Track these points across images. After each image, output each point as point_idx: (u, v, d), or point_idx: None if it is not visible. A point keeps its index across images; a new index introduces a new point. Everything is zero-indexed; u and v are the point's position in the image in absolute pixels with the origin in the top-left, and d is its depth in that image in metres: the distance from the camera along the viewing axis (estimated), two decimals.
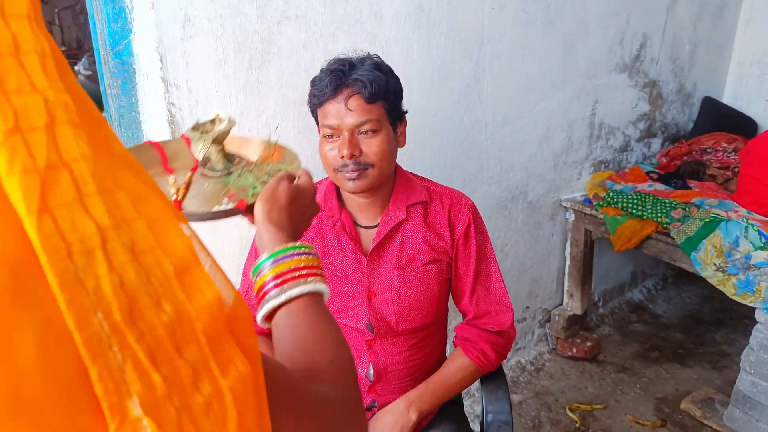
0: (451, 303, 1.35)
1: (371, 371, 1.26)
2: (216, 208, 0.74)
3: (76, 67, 5.63)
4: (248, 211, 0.73)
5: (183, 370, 0.31)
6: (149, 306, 0.30)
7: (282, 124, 1.51)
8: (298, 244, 0.64)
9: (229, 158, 0.85)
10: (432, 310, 1.27)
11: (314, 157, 1.57)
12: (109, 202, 0.30)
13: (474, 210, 1.29)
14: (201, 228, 1.43)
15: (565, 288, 2.65)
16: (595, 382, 2.43)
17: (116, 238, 0.30)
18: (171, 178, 0.82)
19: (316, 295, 0.61)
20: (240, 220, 1.52)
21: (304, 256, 0.63)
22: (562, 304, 2.69)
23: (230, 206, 0.74)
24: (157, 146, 0.86)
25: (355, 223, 1.25)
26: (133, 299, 0.30)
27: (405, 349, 1.27)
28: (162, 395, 0.30)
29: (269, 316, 0.61)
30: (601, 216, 2.35)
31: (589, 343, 2.59)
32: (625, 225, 2.27)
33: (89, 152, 0.30)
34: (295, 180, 0.74)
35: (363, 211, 1.25)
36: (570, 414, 2.23)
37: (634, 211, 2.27)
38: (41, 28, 0.31)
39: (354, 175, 1.13)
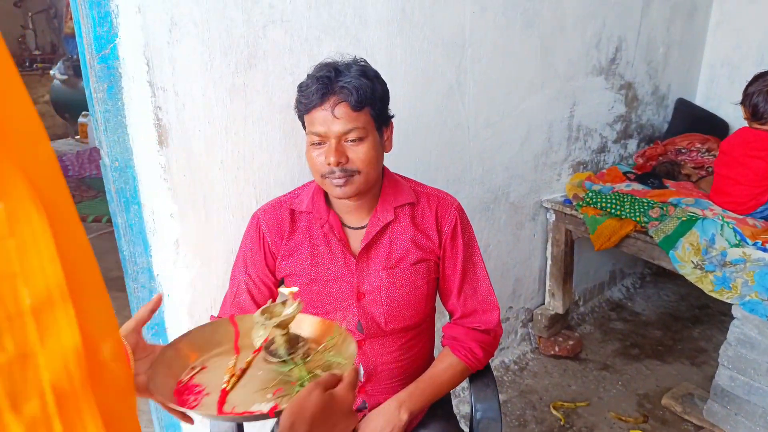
0: (438, 303, 1.37)
1: (361, 372, 1.27)
2: (254, 408, 0.74)
3: (52, 72, 5.54)
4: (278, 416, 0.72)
5: (13, 427, 0.25)
6: None
7: (268, 127, 1.51)
8: None
9: (291, 341, 0.85)
10: (421, 309, 1.29)
11: (300, 160, 1.58)
12: None
13: (460, 210, 1.31)
14: (191, 229, 1.42)
15: (547, 287, 2.69)
16: (577, 380, 2.47)
17: None
18: (231, 362, 0.84)
19: None
20: (228, 225, 1.51)
21: None
22: (544, 303, 2.73)
23: (266, 409, 0.74)
24: (233, 322, 0.90)
25: (344, 225, 1.26)
26: None
27: (394, 349, 1.28)
28: None
29: None
30: (581, 216, 2.40)
31: (571, 342, 2.63)
32: (604, 224, 2.32)
33: None
34: (337, 384, 0.72)
35: (351, 213, 1.26)
36: (554, 412, 2.26)
37: (612, 210, 2.32)
38: None
39: (341, 181, 1.14)
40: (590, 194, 2.41)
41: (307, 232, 1.26)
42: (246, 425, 1.42)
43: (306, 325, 0.90)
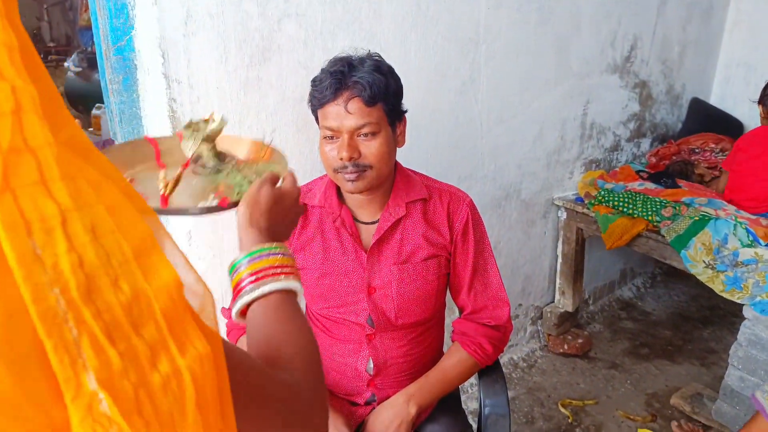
0: (448, 298, 1.37)
1: (371, 365, 1.27)
2: (201, 204, 0.77)
3: (66, 64, 5.58)
4: (231, 208, 0.76)
5: (140, 348, 0.32)
6: (107, 285, 0.31)
7: (281, 121, 1.52)
8: (274, 245, 0.67)
9: (220, 157, 0.87)
10: (431, 304, 1.29)
11: (313, 154, 1.59)
12: (71, 187, 0.31)
13: (472, 206, 1.31)
14: (202, 222, 1.43)
15: (557, 285, 2.68)
16: (586, 378, 2.47)
17: (77, 219, 0.31)
18: (162, 173, 0.85)
19: (289, 293, 0.65)
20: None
21: (279, 256, 0.66)
22: (553, 301, 2.72)
23: (214, 203, 0.76)
24: (153, 141, 0.89)
25: (355, 219, 1.27)
26: (92, 278, 0.31)
27: (404, 343, 1.29)
28: (118, 371, 0.31)
29: (243, 312, 0.65)
30: (593, 214, 2.38)
31: (580, 340, 2.62)
32: (616, 223, 2.30)
33: (53, 141, 0.31)
34: (279, 182, 0.76)
35: (363, 208, 1.26)
36: (562, 409, 2.26)
37: (625, 209, 2.30)
38: (12, 23, 0.32)
39: (353, 176, 1.15)
40: (602, 192, 2.40)
41: (319, 227, 1.27)
42: None
43: (231, 144, 0.91)
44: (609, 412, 2.25)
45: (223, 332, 1.47)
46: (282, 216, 0.74)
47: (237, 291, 0.65)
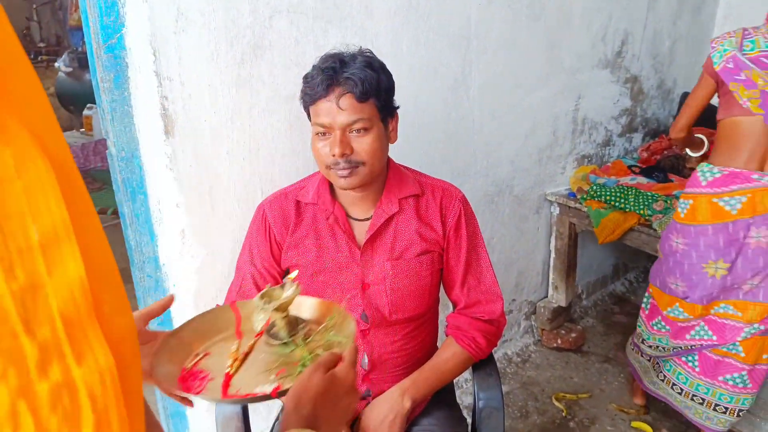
0: (442, 293, 1.38)
1: (366, 360, 1.28)
2: (257, 389, 0.76)
3: (57, 64, 5.55)
4: (281, 397, 0.74)
5: (28, 349, 0.28)
6: None
7: (273, 118, 1.52)
8: None
9: (291, 325, 0.87)
10: (425, 300, 1.29)
11: (305, 151, 1.59)
12: None
13: (465, 202, 1.32)
14: (197, 219, 1.43)
15: (550, 280, 2.69)
16: (580, 372, 2.49)
17: None
18: (233, 347, 0.85)
19: None
20: (234, 215, 1.52)
21: None
22: (547, 296, 2.74)
23: (268, 390, 0.75)
24: (234, 308, 0.91)
25: (348, 216, 1.27)
26: None
27: (398, 338, 1.29)
28: None
29: None
30: (585, 209, 2.40)
31: (573, 335, 2.64)
32: (608, 217, 2.32)
33: None
34: (338, 363, 0.73)
35: (356, 204, 1.27)
36: (556, 403, 2.28)
37: (617, 203, 2.32)
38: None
39: (345, 173, 1.15)
40: (594, 187, 2.41)
41: (312, 224, 1.27)
42: (251, 409, 1.43)
43: (306, 308, 0.92)
44: (602, 405, 2.27)
45: None
46: (331, 405, 0.70)
47: None
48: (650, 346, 2.04)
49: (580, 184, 2.51)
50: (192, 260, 1.49)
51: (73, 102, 5.23)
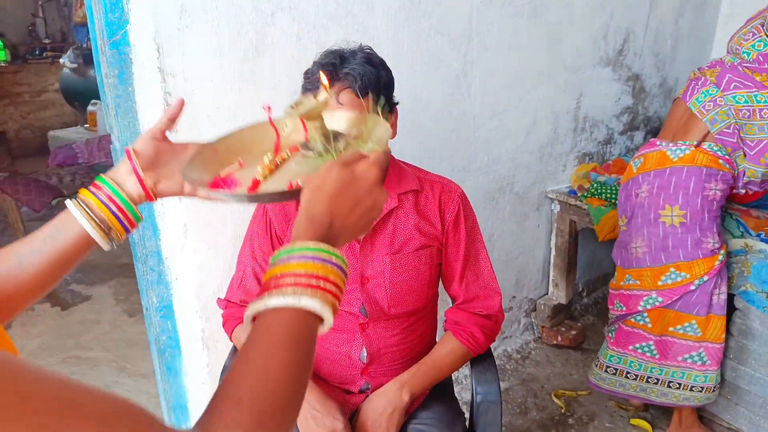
0: (441, 289, 1.39)
1: (365, 354, 1.29)
2: (271, 189, 0.73)
3: (62, 60, 5.57)
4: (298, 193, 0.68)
5: None
6: None
7: (275, 114, 1.53)
8: (322, 246, 0.56)
9: (329, 136, 0.80)
10: (423, 294, 1.31)
11: None
12: None
13: (463, 197, 1.33)
14: (198, 214, 1.44)
15: (550, 278, 2.71)
16: (579, 369, 2.50)
17: None
18: (266, 156, 0.80)
19: (306, 314, 0.53)
20: (234, 210, 1.54)
21: (312, 261, 0.54)
22: (547, 293, 2.75)
23: (277, 189, 0.72)
24: (272, 123, 0.87)
25: None
26: None
27: (397, 332, 1.31)
28: None
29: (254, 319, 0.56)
30: (586, 207, 2.41)
31: (573, 332, 2.65)
32: (608, 215, 2.33)
33: None
34: (357, 163, 0.64)
35: None
36: (555, 400, 2.29)
37: (617, 201, 2.32)
38: None
39: None
40: (595, 185, 2.42)
41: None
42: None
43: (342, 121, 0.86)
44: (601, 403, 2.28)
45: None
46: (350, 204, 0.61)
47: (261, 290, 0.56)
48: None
49: (580, 182, 2.51)
50: (193, 254, 1.51)
51: (78, 98, 5.27)
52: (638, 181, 1.93)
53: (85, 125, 5.08)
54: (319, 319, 0.54)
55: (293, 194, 0.68)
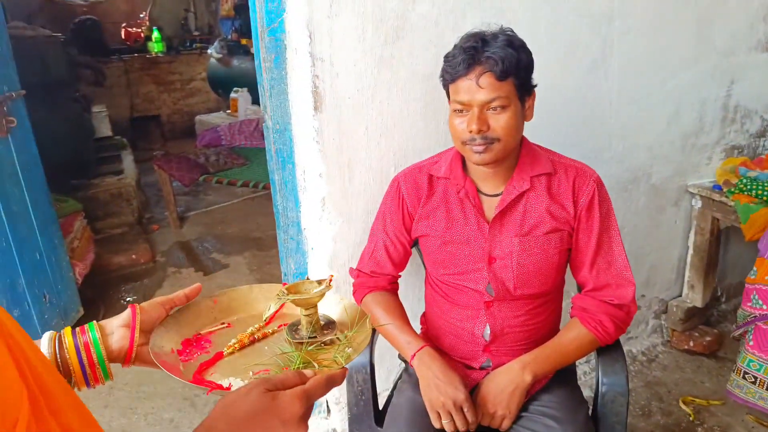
0: (568, 275, 1.37)
1: (488, 331, 1.32)
2: (222, 381, 0.72)
3: (209, 50, 6.11)
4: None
5: None
6: None
7: (410, 96, 1.59)
8: None
9: (319, 326, 0.80)
10: (550, 278, 1.31)
11: (438, 129, 1.65)
12: None
13: (599, 183, 1.30)
14: (336, 189, 1.55)
15: (686, 279, 2.53)
16: (712, 378, 2.32)
17: None
18: (250, 329, 0.81)
19: None
20: (368, 187, 1.62)
21: None
22: (680, 295, 2.57)
23: (207, 387, 0.70)
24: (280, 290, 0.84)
25: (479, 191, 1.31)
26: None
27: (522, 313, 1.32)
28: None
29: None
30: (732, 203, 2.21)
31: (708, 338, 2.46)
32: (758, 213, 2.12)
33: None
34: (293, 386, 0.60)
35: (487, 180, 1.30)
36: (683, 406, 2.15)
37: None
38: None
39: (480, 149, 1.19)
40: (744, 180, 2.21)
41: (443, 197, 1.33)
42: (378, 363, 1.53)
43: (343, 311, 0.85)
44: (737, 415, 2.11)
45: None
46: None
47: None
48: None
49: (727, 177, 2.31)
50: (330, 226, 1.62)
51: (222, 86, 5.77)
52: None
53: (227, 111, 5.56)
54: None
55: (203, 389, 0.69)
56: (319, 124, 1.49)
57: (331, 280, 0.82)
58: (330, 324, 0.83)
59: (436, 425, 1.26)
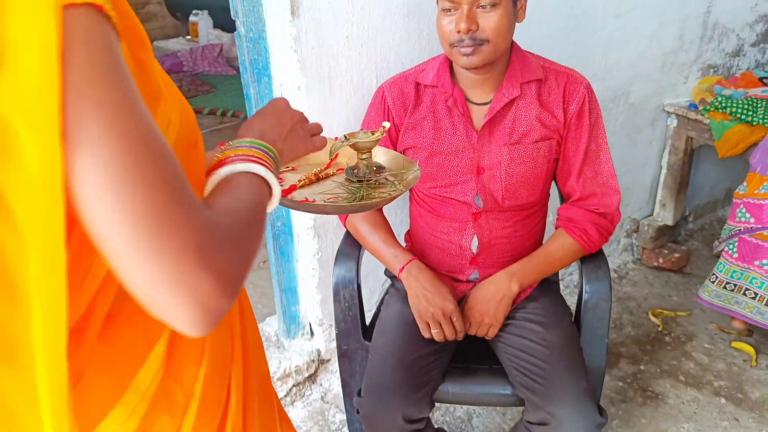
0: (553, 189, 1.37)
1: (476, 243, 1.32)
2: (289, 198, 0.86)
3: None
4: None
5: None
6: None
7: (392, 3, 1.50)
8: (255, 140, 0.68)
9: (374, 170, 0.93)
10: (538, 189, 1.30)
11: (421, 39, 1.58)
12: None
13: (589, 89, 1.28)
14: (315, 102, 1.44)
15: (658, 198, 2.58)
16: (680, 292, 2.42)
17: None
18: (315, 170, 0.94)
19: (256, 179, 0.63)
20: (349, 101, 1.55)
21: (255, 149, 0.66)
22: (652, 214, 2.63)
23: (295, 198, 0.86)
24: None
25: (468, 100, 1.27)
26: None
27: (509, 224, 1.31)
28: None
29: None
30: (707, 121, 2.23)
31: (676, 255, 2.55)
32: (732, 130, 2.15)
33: None
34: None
35: (475, 88, 1.26)
36: (652, 318, 2.25)
37: (743, 116, 2.14)
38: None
39: (469, 50, 1.14)
40: (719, 98, 2.22)
41: (430, 106, 1.28)
42: (363, 284, 1.54)
43: (392, 160, 0.99)
44: (701, 324, 2.21)
45: None
46: (277, 125, 0.74)
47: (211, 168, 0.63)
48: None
49: (703, 95, 2.32)
50: None
51: (180, 9, 5.42)
52: None
53: (187, 36, 5.25)
54: (267, 187, 0.64)
55: (308, 207, 0.86)
56: (296, 31, 1.40)
57: (384, 129, 0.95)
58: (381, 168, 0.96)
59: (426, 335, 1.27)
